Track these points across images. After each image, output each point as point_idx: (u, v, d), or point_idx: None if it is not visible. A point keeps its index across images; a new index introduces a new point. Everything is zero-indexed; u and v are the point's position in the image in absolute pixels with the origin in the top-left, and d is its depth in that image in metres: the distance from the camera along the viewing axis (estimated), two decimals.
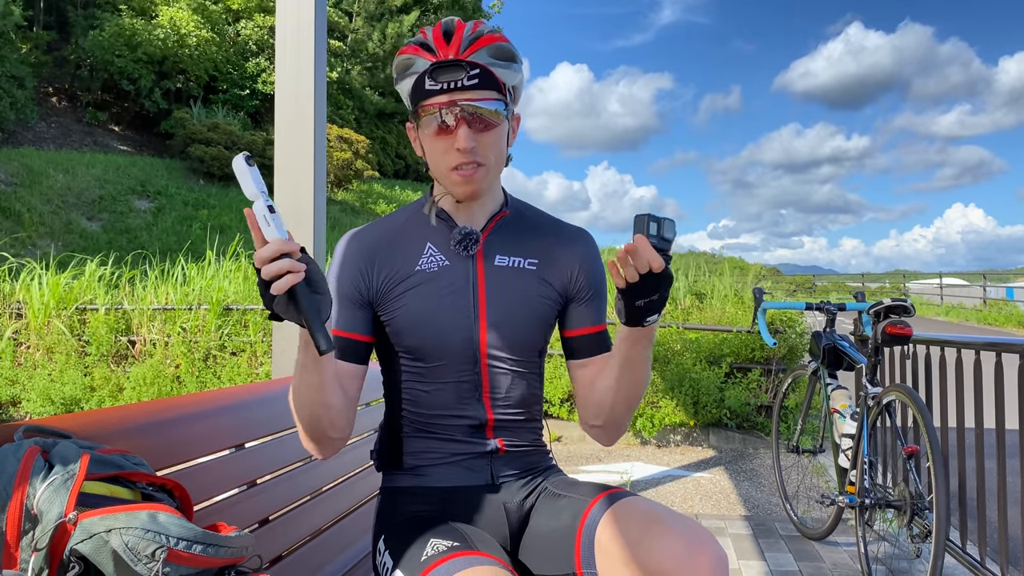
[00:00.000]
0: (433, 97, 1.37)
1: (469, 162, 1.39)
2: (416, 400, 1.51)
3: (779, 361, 6.24)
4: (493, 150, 1.41)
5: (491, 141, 1.40)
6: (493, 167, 1.43)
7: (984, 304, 24.81)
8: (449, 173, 1.41)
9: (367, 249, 1.50)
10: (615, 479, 5.10)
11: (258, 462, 1.75)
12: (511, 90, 1.44)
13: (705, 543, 1.26)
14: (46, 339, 7.09)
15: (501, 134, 1.42)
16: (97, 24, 24.67)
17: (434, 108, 1.37)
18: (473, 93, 1.36)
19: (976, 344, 3.20)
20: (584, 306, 1.55)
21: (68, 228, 18.18)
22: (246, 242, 9.46)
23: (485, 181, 1.43)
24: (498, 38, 1.40)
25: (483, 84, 1.36)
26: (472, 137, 1.37)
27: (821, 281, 39.98)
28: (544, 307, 1.51)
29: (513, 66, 1.42)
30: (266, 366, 6.69)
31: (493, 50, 1.39)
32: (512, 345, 1.48)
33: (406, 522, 1.44)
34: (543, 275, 1.51)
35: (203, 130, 23.89)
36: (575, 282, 1.54)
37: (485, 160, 1.40)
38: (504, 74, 1.40)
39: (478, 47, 1.37)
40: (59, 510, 0.99)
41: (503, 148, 1.44)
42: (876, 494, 3.19)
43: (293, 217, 3.10)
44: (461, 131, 1.36)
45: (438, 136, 1.39)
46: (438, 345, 1.45)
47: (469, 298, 1.46)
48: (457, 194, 1.44)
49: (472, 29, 1.39)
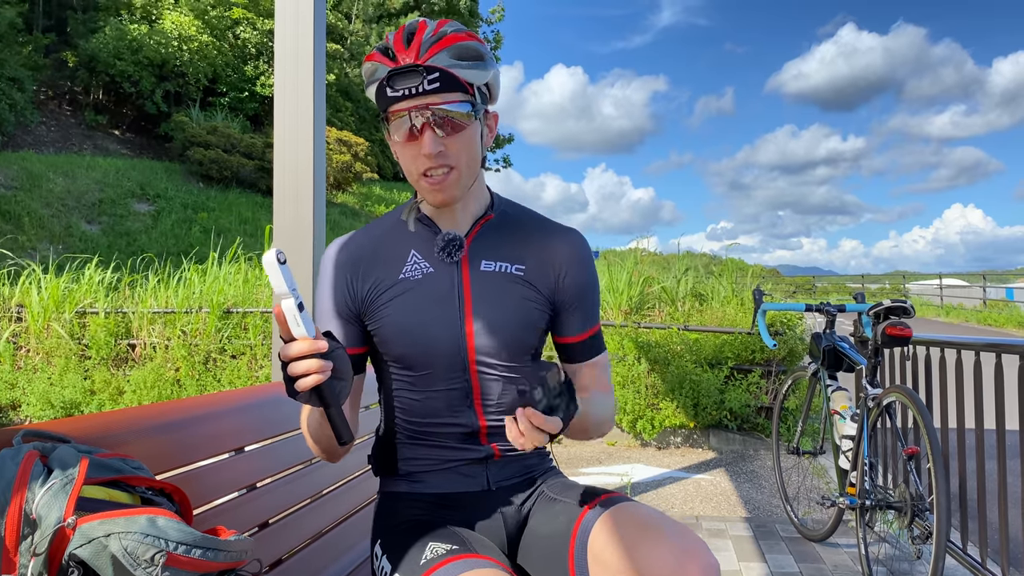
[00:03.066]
0: (396, 103, 1.33)
1: (438, 166, 1.36)
2: (408, 408, 1.50)
3: (779, 363, 6.24)
4: (464, 152, 1.37)
5: (461, 144, 1.36)
6: (465, 170, 1.39)
7: (984, 305, 24.80)
8: (420, 179, 1.38)
9: (351, 260, 1.48)
10: (615, 481, 5.10)
11: (258, 465, 1.74)
12: (480, 89, 1.39)
13: (697, 551, 1.26)
14: (46, 343, 7.09)
15: (471, 135, 1.38)
16: (98, 27, 24.69)
17: (400, 113, 1.34)
18: (436, 97, 1.32)
19: (976, 345, 3.19)
20: (572, 311, 1.51)
21: (68, 232, 18.18)
22: (246, 245, 9.47)
23: (457, 186, 1.39)
24: (462, 37, 1.35)
25: (445, 87, 1.32)
26: (438, 142, 1.34)
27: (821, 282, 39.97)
28: (532, 313, 1.47)
29: (479, 64, 1.36)
30: (266, 369, 6.69)
31: (455, 51, 1.34)
32: (501, 352, 1.45)
33: (404, 526, 1.44)
34: (530, 279, 1.47)
35: (202, 133, 23.89)
36: (561, 284, 1.50)
37: (456, 163, 1.37)
38: (469, 74, 1.35)
39: (438, 49, 1.32)
40: (58, 515, 0.99)
41: (476, 149, 1.40)
42: (877, 495, 3.19)
43: (292, 220, 3.10)
44: (426, 136, 1.33)
45: (407, 142, 1.36)
46: (425, 354, 1.43)
47: (455, 305, 1.43)
48: (430, 200, 1.41)
49: (434, 31, 1.34)
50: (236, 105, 27.65)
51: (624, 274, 7.39)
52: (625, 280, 7.28)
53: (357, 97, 32.53)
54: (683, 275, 7.71)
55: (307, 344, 1.11)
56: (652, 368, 6.27)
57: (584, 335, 1.53)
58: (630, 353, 6.33)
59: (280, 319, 1.12)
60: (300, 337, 1.12)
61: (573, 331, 1.53)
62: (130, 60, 24.24)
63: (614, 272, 7.48)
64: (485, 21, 40.84)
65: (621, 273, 7.43)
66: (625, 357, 6.34)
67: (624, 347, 6.39)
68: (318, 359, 1.12)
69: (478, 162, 1.42)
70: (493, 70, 1.40)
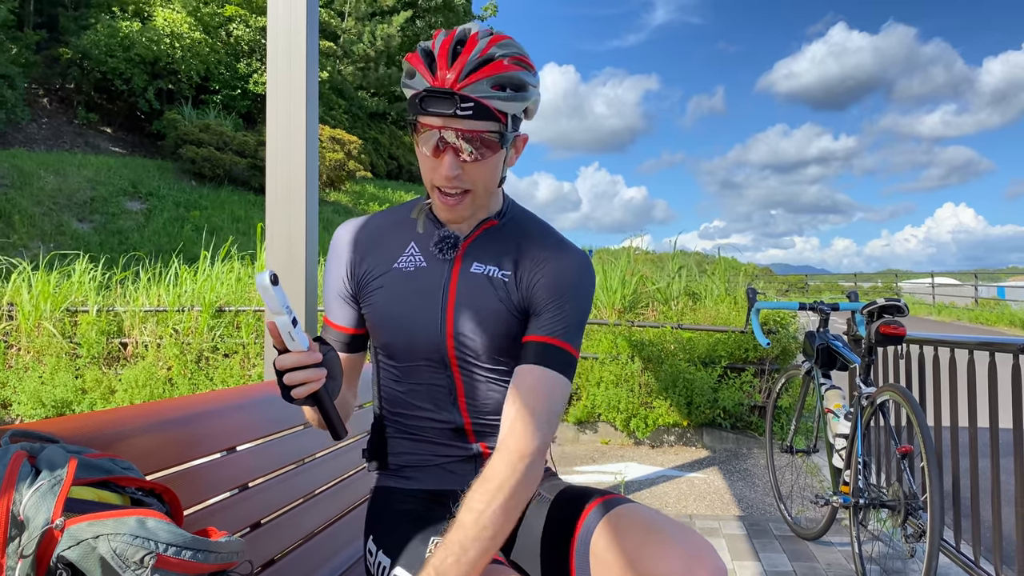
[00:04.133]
0: (428, 117, 1.32)
1: (453, 188, 1.36)
2: (394, 400, 1.52)
3: (772, 361, 6.24)
4: (482, 178, 1.37)
5: (480, 170, 1.36)
6: (481, 193, 1.40)
7: (976, 303, 24.90)
8: (434, 191, 1.40)
9: (356, 241, 1.52)
10: (609, 480, 5.10)
11: (250, 465, 1.73)
12: (514, 117, 1.37)
13: (704, 555, 1.25)
14: (36, 341, 7.05)
15: (494, 162, 1.37)
16: (89, 24, 24.57)
17: (427, 128, 1.33)
18: (466, 123, 1.31)
19: (969, 344, 3.20)
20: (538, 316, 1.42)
21: (59, 230, 18.09)
22: (239, 243, 9.43)
23: (469, 209, 1.41)
24: (507, 67, 1.32)
25: (478, 115, 1.30)
26: (458, 165, 1.34)
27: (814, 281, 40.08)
28: (507, 316, 1.43)
29: (519, 96, 1.34)
30: (259, 367, 6.67)
31: (497, 80, 1.31)
32: (480, 353, 1.44)
33: (400, 521, 1.44)
34: (516, 286, 1.45)
35: (195, 131, 23.79)
36: (532, 291, 1.44)
37: (472, 187, 1.37)
38: (505, 105, 1.33)
39: (479, 77, 1.30)
40: (46, 516, 0.98)
41: (495, 173, 1.39)
42: (870, 494, 3.19)
43: (285, 219, 3.08)
44: (446, 159, 1.33)
45: (430, 155, 1.36)
46: (406, 344, 1.46)
47: (438, 301, 1.44)
48: (439, 215, 1.44)
49: (482, 51, 1.31)
50: (229, 103, 27.55)
51: (618, 273, 7.39)
52: (619, 279, 7.28)
53: (350, 95, 32.46)
54: (676, 273, 7.71)
55: (302, 356, 1.19)
56: (646, 367, 6.27)
57: (541, 338, 1.40)
58: (624, 352, 6.33)
59: (274, 334, 1.19)
60: (295, 351, 1.20)
61: (531, 331, 1.42)
62: (122, 57, 24.12)
63: (608, 271, 7.47)
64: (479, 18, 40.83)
65: (615, 272, 7.43)
66: (619, 356, 6.33)
67: (618, 346, 6.38)
68: (313, 369, 1.21)
69: (495, 184, 1.42)
70: (534, 97, 1.39)
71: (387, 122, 34.56)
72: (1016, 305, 22.05)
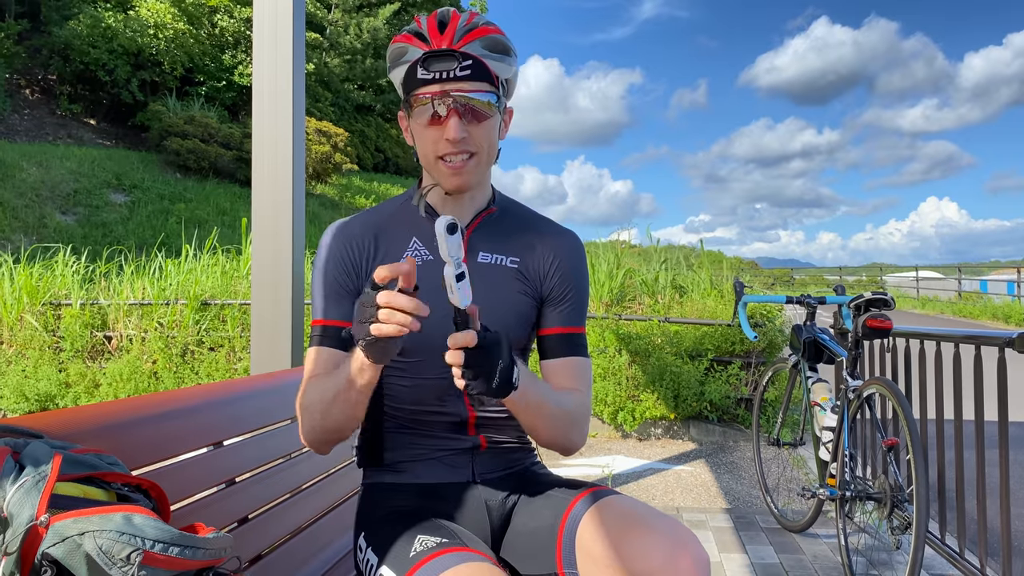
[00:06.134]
0: (425, 87, 1.36)
1: (459, 152, 1.38)
2: (397, 395, 1.50)
3: (759, 354, 6.27)
4: (485, 141, 1.41)
5: (483, 132, 1.40)
6: (485, 157, 1.43)
7: (959, 296, 25.12)
8: (438, 163, 1.40)
9: (354, 240, 1.49)
10: (597, 473, 5.11)
11: (237, 460, 1.72)
12: (504, 83, 1.43)
13: (687, 544, 1.26)
14: (19, 335, 6.98)
15: (493, 126, 1.41)
16: (72, 14, 24.31)
17: (426, 98, 1.36)
18: (465, 84, 1.35)
19: (955, 337, 3.22)
20: (556, 306, 1.53)
21: (42, 222, 17.93)
22: (224, 236, 9.37)
23: (476, 173, 1.42)
24: (492, 30, 1.40)
25: (476, 75, 1.35)
26: (463, 128, 1.36)
27: (799, 274, 40.27)
28: (524, 305, 1.49)
29: (507, 59, 1.41)
30: (245, 361, 6.63)
31: (487, 42, 1.38)
32: None
33: (389, 518, 1.43)
34: (524, 273, 1.50)
35: (179, 123, 23.62)
36: (549, 279, 1.53)
37: (477, 149, 1.40)
38: (497, 67, 1.39)
39: (472, 38, 1.36)
40: (30, 513, 0.96)
41: (495, 140, 1.44)
42: (856, 486, 3.21)
43: (271, 212, 3.06)
44: (452, 121, 1.36)
45: (429, 126, 1.38)
46: (417, 340, 1.43)
47: None
48: (446, 185, 1.43)
49: (467, 20, 1.39)
50: (214, 95, 27.35)
51: (605, 266, 7.39)
52: (606, 272, 7.28)
53: (337, 87, 32.30)
54: (662, 267, 7.72)
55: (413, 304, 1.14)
56: (633, 360, 6.28)
57: (565, 329, 1.53)
58: (611, 345, 6.34)
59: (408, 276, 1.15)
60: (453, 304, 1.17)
61: (554, 323, 1.53)
62: (104, 48, 23.90)
63: (595, 264, 7.47)
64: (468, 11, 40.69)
65: (602, 265, 7.43)
66: (606, 349, 6.34)
67: (605, 339, 6.39)
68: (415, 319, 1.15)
69: (495, 151, 1.46)
70: (516, 67, 1.45)
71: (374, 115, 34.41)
72: (998, 299, 22.25)
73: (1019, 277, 22.53)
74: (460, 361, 1.17)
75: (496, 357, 1.19)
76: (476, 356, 1.18)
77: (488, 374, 1.19)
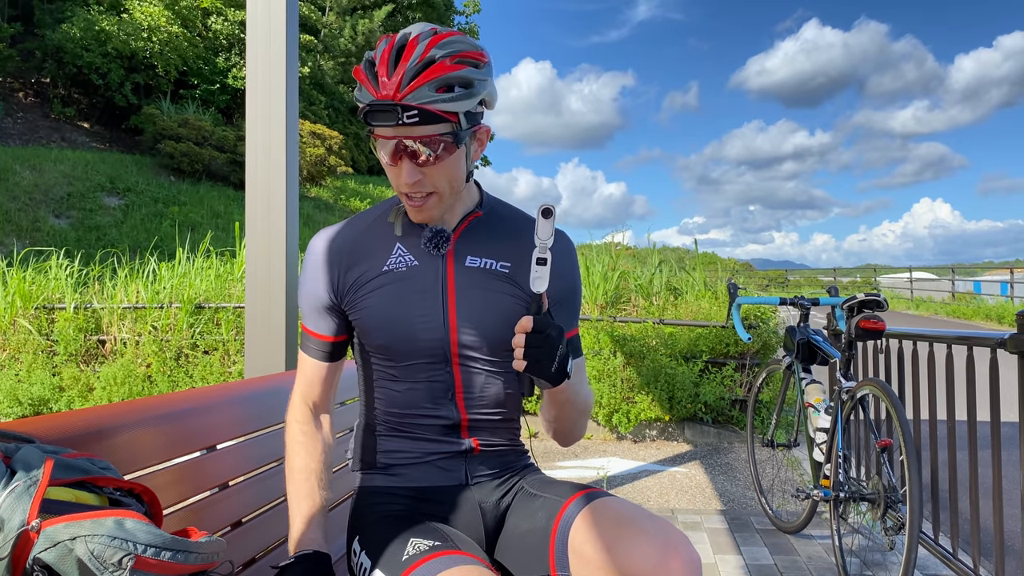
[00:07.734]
0: (378, 129, 1.33)
1: (416, 192, 1.37)
2: (389, 399, 1.50)
3: (753, 356, 6.28)
4: (444, 178, 1.37)
5: (439, 171, 1.36)
6: (447, 193, 1.40)
7: (952, 297, 25.18)
8: (403, 197, 1.41)
9: (337, 250, 1.49)
10: (591, 475, 5.11)
11: (230, 464, 1.72)
12: (468, 114, 1.34)
13: (678, 546, 1.26)
14: (12, 339, 6.96)
15: (453, 161, 1.36)
16: (65, 17, 24.24)
17: (381, 139, 1.34)
18: (416, 129, 1.30)
19: (948, 338, 3.23)
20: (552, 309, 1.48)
21: (35, 226, 17.87)
22: (218, 239, 9.35)
23: (438, 208, 1.41)
24: (451, 68, 1.30)
25: (424, 120, 1.29)
26: (417, 171, 1.34)
27: (793, 275, 40.35)
28: (515, 309, 1.45)
29: (465, 93, 1.32)
30: (239, 364, 6.62)
31: (439, 83, 1.29)
32: (483, 346, 1.46)
33: (382, 522, 1.43)
34: (515, 277, 1.48)
35: (173, 126, 23.58)
36: None
37: (436, 188, 1.38)
38: (452, 105, 1.30)
39: (421, 83, 1.28)
40: (21, 518, 0.96)
41: (458, 172, 1.39)
42: (850, 487, 3.21)
43: (265, 214, 3.06)
44: (404, 166, 1.34)
45: (389, 164, 1.37)
46: (408, 344, 1.45)
47: (439, 298, 1.44)
48: (412, 218, 1.44)
49: (421, 55, 1.29)
50: (207, 98, 27.31)
51: (600, 268, 7.40)
52: (601, 274, 7.28)
53: (331, 90, 32.27)
54: (656, 268, 7.73)
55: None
56: (628, 362, 6.29)
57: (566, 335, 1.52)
58: (606, 347, 6.34)
59: None
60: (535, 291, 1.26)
61: None
62: (98, 51, 23.84)
63: (590, 266, 7.48)
64: (461, 13, 40.68)
65: (596, 267, 7.44)
66: (601, 351, 6.35)
67: (600, 341, 6.39)
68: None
69: (461, 182, 1.42)
70: (485, 90, 1.36)
71: None
72: (992, 300, 22.31)
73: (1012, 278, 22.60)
74: (521, 343, 1.24)
75: (556, 345, 1.26)
76: (537, 341, 1.24)
77: (547, 361, 1.25)
